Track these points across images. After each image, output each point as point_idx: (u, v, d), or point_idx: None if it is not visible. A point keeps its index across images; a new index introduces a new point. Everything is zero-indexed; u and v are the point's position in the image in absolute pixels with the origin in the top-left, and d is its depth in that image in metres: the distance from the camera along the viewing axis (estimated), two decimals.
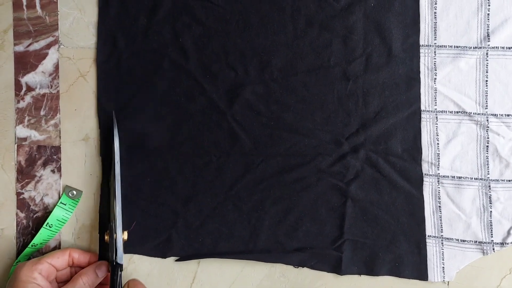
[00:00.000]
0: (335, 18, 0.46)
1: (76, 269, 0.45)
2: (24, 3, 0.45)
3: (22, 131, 0.46)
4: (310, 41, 0.46)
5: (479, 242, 0.46)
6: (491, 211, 0.46)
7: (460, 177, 0.46)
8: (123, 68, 0.46)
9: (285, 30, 0.46)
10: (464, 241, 0.46)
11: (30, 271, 0.41)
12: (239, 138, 0.46)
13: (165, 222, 0.47)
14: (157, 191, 0.46)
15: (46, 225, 0.45)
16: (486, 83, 0.45)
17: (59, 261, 0.43)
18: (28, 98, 0.46)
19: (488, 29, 0.45)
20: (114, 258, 0.42)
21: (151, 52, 0.46)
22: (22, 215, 0.46)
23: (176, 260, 0.46)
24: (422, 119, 0.46)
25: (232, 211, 0.47)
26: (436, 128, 0.46)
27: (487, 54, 0.45)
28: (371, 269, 0.46)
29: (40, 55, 0.46)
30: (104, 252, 0.45)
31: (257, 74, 0.46)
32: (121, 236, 0.42)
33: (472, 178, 0.46)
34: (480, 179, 0.46)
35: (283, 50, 0.46)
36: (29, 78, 0.46)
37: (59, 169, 0.46)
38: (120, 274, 0.42)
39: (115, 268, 0.42)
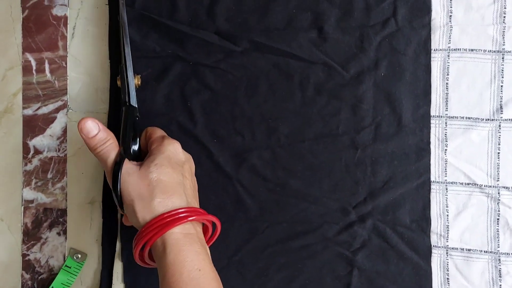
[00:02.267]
0: (345, 87, 0.45)
1: None
2: (34, 68, 0.45)
3: (29, 194, 0.46)
4: (319, 109, 0.46)
5: None
6: (500, 285, 0.45)
7: (469, 250, 0.45)
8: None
9: (294, 97, 0.46)
10: None
11: None
12: (245, 203, 0.46)
13: None
14: None
15: None
16: (498, 156, 0.45)
17: None
18: (35, 161, 0.46)
19: (501, 101, 0.44)
20: (127, 100, 0.40)
21: (159, 116, 0.46)
22: (27, 276, 0.47)
23: None
24: (431, 190, 0.45)
25: (235, 277, 0.46)
26: (446, 200, 0.45)
27: (499, 126, 0.44)
28: None
29: (49, 119, 0.46)
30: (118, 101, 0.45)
31: (264, 140, 0.46)
32: (133, 78, 0.41)
33: (481, 251, 0.45)
34: (490, 252, 0.45)
35: (291, 117, 0.46)
36: (37, 141, 0.46)
37: (64, 232, 0.46)
38: (136, 119, 0.41)
39: (130, 110, 0.40)
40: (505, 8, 0.44)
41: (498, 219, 0.45)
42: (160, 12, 0.45)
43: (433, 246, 0.45)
